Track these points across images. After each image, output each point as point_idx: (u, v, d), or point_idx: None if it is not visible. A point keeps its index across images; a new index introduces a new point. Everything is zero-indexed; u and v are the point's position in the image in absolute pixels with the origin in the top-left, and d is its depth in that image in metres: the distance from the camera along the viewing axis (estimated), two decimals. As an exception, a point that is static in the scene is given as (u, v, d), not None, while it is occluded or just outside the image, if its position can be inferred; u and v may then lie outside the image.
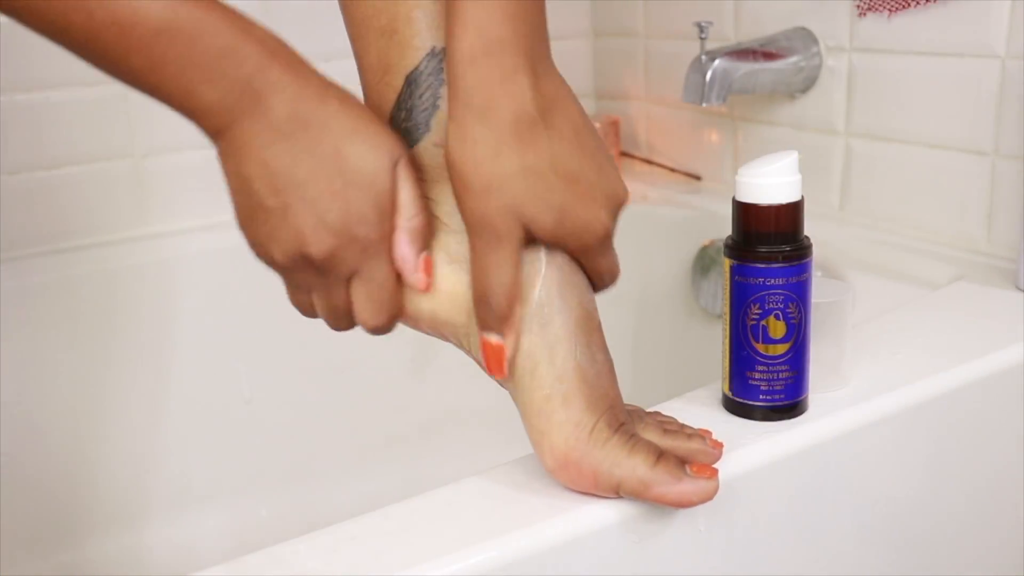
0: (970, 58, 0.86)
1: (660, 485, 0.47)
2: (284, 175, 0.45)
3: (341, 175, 0.46)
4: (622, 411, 0.51)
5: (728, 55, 0.97)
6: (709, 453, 0.50)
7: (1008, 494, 0.69)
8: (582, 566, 0.48)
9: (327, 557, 0.45)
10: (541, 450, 0.49)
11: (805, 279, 0.54)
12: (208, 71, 0.44)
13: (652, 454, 0.48)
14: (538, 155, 0.46)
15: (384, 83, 0.50)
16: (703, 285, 1.05)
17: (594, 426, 0.48)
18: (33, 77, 1.00)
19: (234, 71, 0.44)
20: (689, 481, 0.47)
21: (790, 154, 0.54)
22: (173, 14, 0.42)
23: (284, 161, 0.45)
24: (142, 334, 1.05)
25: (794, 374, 0.55)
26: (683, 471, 0.48)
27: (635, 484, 0.47)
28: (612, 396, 0.50)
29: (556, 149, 0.46)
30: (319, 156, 0.45)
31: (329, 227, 0.46)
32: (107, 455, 1.04)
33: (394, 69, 0.49)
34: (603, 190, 0.48)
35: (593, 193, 0.47)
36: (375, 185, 0.46)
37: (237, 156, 0.46)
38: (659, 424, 0.52)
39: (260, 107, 0.45)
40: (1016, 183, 0.84)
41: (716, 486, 0.48)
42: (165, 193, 1.09)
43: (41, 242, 1.04)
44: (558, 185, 0.46)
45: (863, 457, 0.59)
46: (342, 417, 1.15)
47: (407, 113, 0.50)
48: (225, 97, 0.44)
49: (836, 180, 1.00)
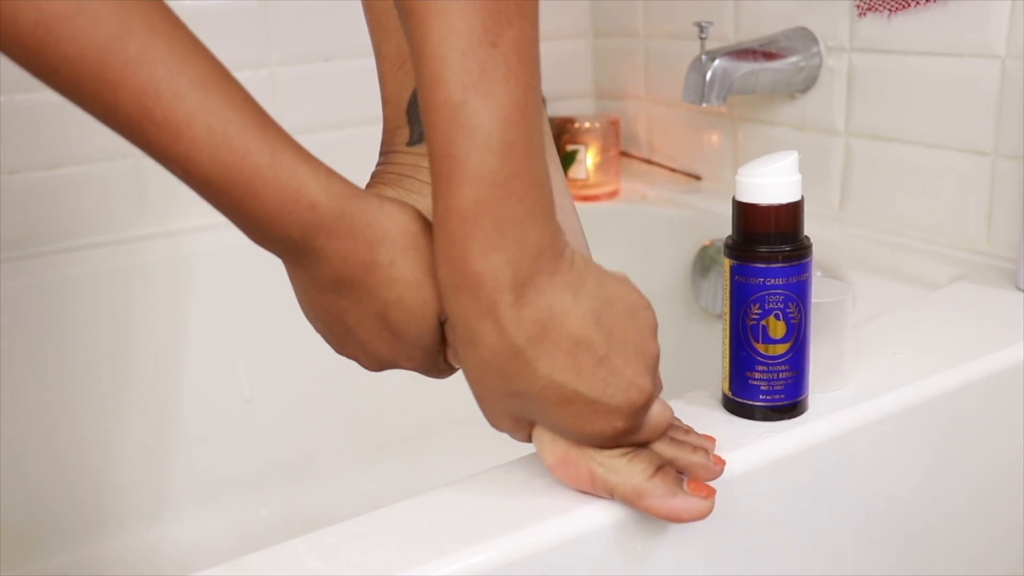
0: (970, 58, 0.86)
1: (653, 497, 0.47)
2: (336, 316, 0.48)
3: (389, 330, 0.47)
4: None
5: (728, 55, 0.97)
6: (710, 469, 0.49)
7: (1008, 494, 0.69)
8: (582, 566, 0.48)
9: (327, 557, 0.45)
10: (541, 446, 0.49)
11: (805, 279, 0.54)
12: (254, 229, 0.43)
13: (651, 464, 0.47)
14: (526, 382, 0.44)
15: (402, 72, 0.51)
16: (703, 285, 1.05)
17: None
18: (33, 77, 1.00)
19: (280, 235, 0.43)
20: (683, 498, 0.47)
21: (790, 154, 0.54)
22: (225, 172, 0.40)
23: (334, 307, 0.47)
24: (142, 334, 1.05)
25: (794, 374, 0.55)
26: (679, 486, 0.47)
27: (629, 492, 0.47)
28: None
29: (547, 372, 0.44)
30: (366, 313, 0.47)
31: (380, 359, 0.50)
32: (106, 456, 1.04)
33: (412, 60, 0.50)
34: (611, 400, 0.45)
35: (594, 408, 0.45)
36: (422, 340, 0.48)
37: (296, 283, 0.49)
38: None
39: (307, 263, 0.45)
40: (1016, 183, 0.84)
41: (711, 507, 0.47)
42: (165, 193, 1.09)
43: (41, 242, 1.04)
44: (553, 408, 0.45)
45: (863, 457, 0.59)
46: (342, 417, 1.15)
47: None
48: (274, 250, 0.45)
49: (836, 180, 1.00)
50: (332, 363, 1.12)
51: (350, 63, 1.13)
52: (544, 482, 0.50)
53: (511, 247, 0.42)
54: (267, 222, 0.42)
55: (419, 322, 0.47)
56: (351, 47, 1.13)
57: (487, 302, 0.43)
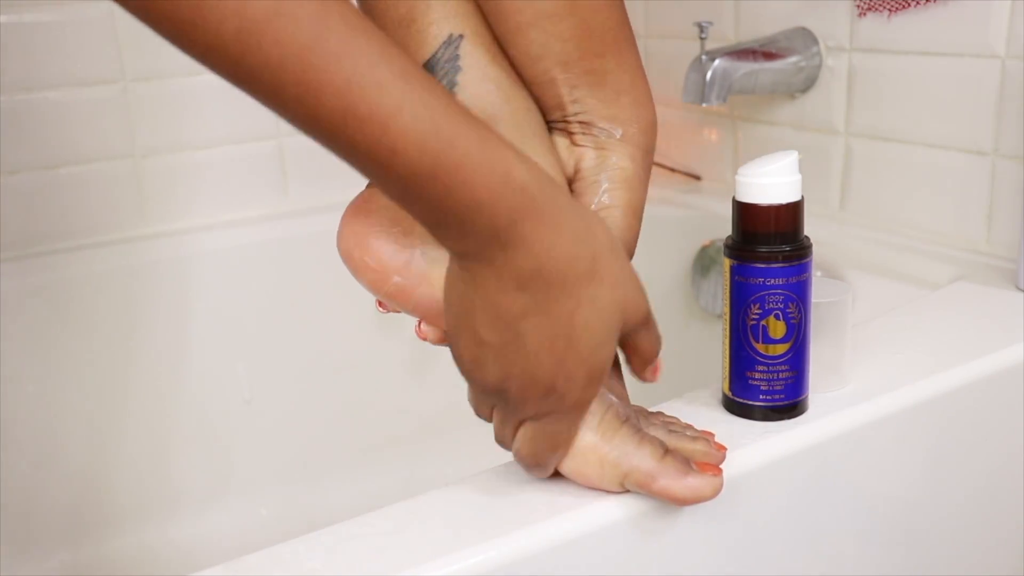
0: (970, 58, 0.86)
1: (666, 478, 0.47)
2: (510, 321, 0.44)
3: (566, 338, 0.45)
4: (628, 406, 0.51)
5: (728, 55, 0.97)
6: (713, 455, 0.50)
7: (1008, 494, 0.69)
8: (582, 566, 0.48)
9: (327, 557, 0.45)
10: None
11: (805, 279, 0.54)
12: (455, 221, 0.41)
13: (660, 448, 0.48)
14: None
15: None
16: (703, 285, 1.05)
17: (603, 416, 0.48)
18: (33, 77, 1.00)
19: (484, 223, 0.41)
20: (695, 476, 0.47)
21: (790, 154, 0.54)
22: (434, 160, 0.39)
23: (514, 309, 0.44)
24: (142, 334, 1.05)
25: (794, 374, 0.55)
26: (689, 467, 0.48)
27: (641, 476, 0.47)
28: (619, 390, 0.51)
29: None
30: (551, 316, 0.44)
31: (536, 379, 0.45)
32: (107, 456, 1.04)
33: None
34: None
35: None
36: (595, 355, 0.46)
37: (468, 286, 0.45)
38: (664, 424, 0.52)
39: (504, 256, 0.42)
40: (1016, 183, 0.84)
41: (721, 483, 0.48)
42: (165, 193, 1.09)
43: (41, 242, 1.04)
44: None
45: (863, 457, 0.59)
46: (342, 417, 1.15)
47: None
48: (468, 244, 0.42)
49: (836, 180, 1.00)
50: (332, 363, 1.13)
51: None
52: (544, 482, 0.50)
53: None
54: (475, 210, 0.40)
55: (604, 329, 0.45)
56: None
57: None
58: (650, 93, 0.52)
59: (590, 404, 0.48)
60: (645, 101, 0.52)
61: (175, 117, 1.07)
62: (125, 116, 1.06)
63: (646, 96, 0.52)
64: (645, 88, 0.52)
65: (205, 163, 1.09)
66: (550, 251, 0.43)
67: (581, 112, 0.51)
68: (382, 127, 0.38)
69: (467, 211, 0.40)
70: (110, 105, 1.05)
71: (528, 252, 0.42)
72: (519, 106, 0.51)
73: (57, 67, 1.01)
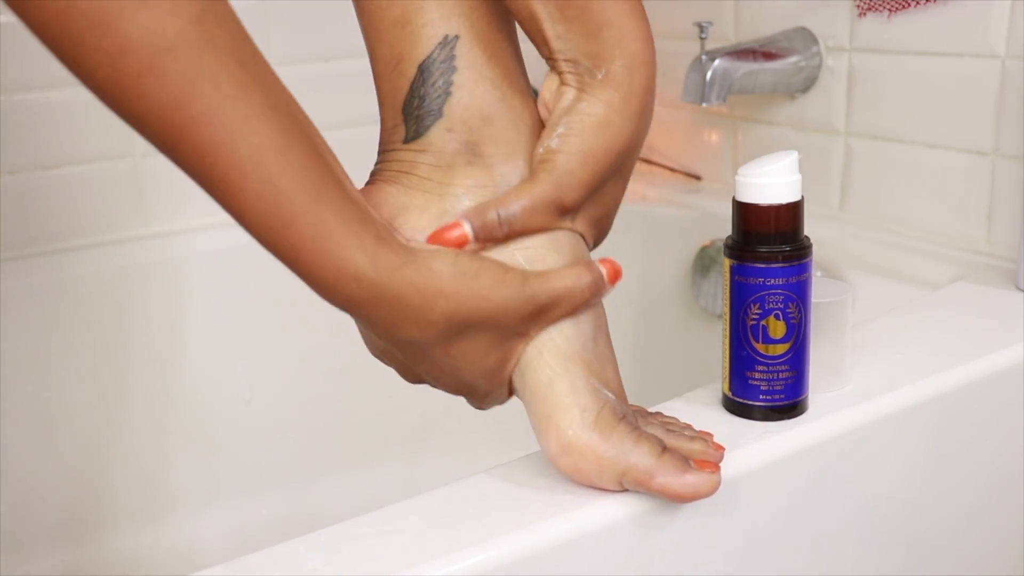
0: (970, 58, 0.86)
1: (664, 475, 0.47)
2: (399, 362, 0.52)
3: (452, 371, 0.49)
4: (626, 404, 0.51)
5: (728, 55, 0.97)
6: (711, 454, 0.50)
7: (1008, 494, 0.69)
8: (582, 566, 0.48)
9: (327, 557, 0.45)
10: (545, 435, 0.49)
11: (805, 279, 0.54)
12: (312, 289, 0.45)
13: (658, 445, 0.48)
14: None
15: (397, 72, 0.51)
16: (703, 285, 1.05)
17: (600, 412, 0.48)
18: (33, 77, 1.00)
19: (330, 301, 0.45)
20: (693, 473, 0.47)
21: (790, 154, 0.54)
22: (274, 237, 0.43)
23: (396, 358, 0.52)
24: (141, 334, 1.05)
25: (794, 374, 0.55)
26: (687, 464, 0.48)
27: (639, 473, 0.47)
28: (616, 386, 0.51)
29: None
30: (427, 362, 0.49)
31: (443, 384, 0.51)
32: (106, 456, 1.04)
33: (407, 59, 0.50)
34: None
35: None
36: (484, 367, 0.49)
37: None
38: (663, 424, 0.52)
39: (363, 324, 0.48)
40: (1016, 183, 0.84)
41: (719, 480, 0.48)
42: (165, 193, 1.09)
43: (41, 242, 1.04)
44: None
45: (863, 457, 0.59)
46: (342, 417, 1.15)
47: (420, 101, 0.50)
48: None
49: (836, 180, 1.00)
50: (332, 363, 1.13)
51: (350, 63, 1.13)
52: (545, 482, 0.50)
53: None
54: (316, 288, 0.44)
55: (482, 357, 0.48)
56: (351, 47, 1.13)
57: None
58: (643, 27, 0.48)
59: (507, 379, 0.50)
60: (632, 36, 0.47)
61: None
62: (125, 116, 1.05)
63: (634, 30, 0.47)
64: (633, 21, 0.47)
65: (205, 163, 1.09)
66: (394, 331, 0.46)
67: (565, 49, 0.48)
68: (229, 195, 0.41)
69: (311, 286, 0.44)
70: (110, 105, 1.05)
71: (377, 329, 0.46)
72: (516, 105, 0.51)
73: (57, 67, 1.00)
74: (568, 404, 0.48)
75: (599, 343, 0.50)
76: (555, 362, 0.49)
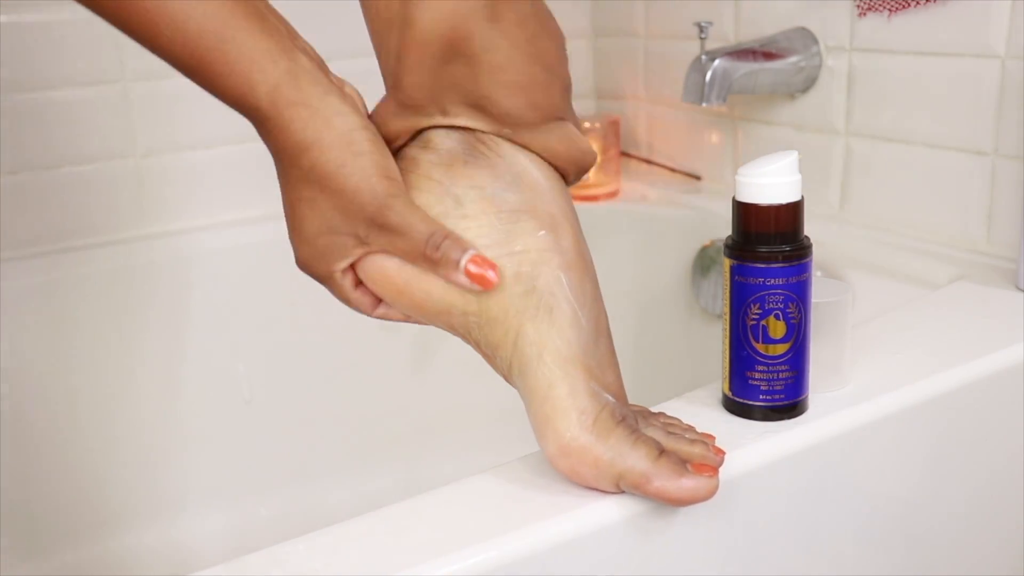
0: (970, 58, 0.86)
1: (661, 479, 0.47)
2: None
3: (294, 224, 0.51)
4: (626, 406, 0.51)
5: (728, 55, 0.97)
6: (710, 458, 0.50)
7: (1008, 494, 0.69)
8: (582, 566, 0.48)
9: (327, 557, 0.45)
10: (544, 437, 0.49)
11: (805, 279, 0.54)
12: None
13: (655, 449, 0.48)
14: None
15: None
16: (703, 285, 1.05)
17: (598, 415, 0.48)
18: (33, 77, 1.00)
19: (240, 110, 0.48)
20: (690, 477, 0.47)
21: (790, 154, 0.54)
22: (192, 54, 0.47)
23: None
24: (141, 334, 1.05)
25: (794, 374, 0.55)
26: (684, 468, 0.48)
27: (636, 477, 0.47)
28: (616, 389, 0.51)
29: None
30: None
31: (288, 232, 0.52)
32: (106, 456, 1.04)
33: None
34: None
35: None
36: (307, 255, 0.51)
37: None
38: (663, 426, 0.52)
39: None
40: (1016, 183, 0.84)
41: (716, 484, 0.48)
42: (165, 193, 1.09)
43: (41, 242, 1.04)
44: None
45: (863, 457, 0.59)
46: (342, 417, 1.15)
47: None
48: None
49: (836, 180, 1.00)
50: (332, 363, 1.13)
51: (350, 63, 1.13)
52: (544, 481, 0.50)
53: None
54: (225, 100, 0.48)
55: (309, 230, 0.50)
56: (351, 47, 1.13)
57: None
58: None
59: (333, 273, 0.51)
60: None
61: (175, 117, 1.07)
62: (125, 116, 1.06)
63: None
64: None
65: (205, 163, 1.09)
66: (276, 155, 0.50)
67: None
68: (154, 27, 0.46)
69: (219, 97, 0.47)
70: (110, 105, 1.05)
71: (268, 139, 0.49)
72: None
73: (57, 67, 1.01)
74: (567, 407, 0.48)
75: (600, 345, 0.50)
76: (555, 365, 0.49)
